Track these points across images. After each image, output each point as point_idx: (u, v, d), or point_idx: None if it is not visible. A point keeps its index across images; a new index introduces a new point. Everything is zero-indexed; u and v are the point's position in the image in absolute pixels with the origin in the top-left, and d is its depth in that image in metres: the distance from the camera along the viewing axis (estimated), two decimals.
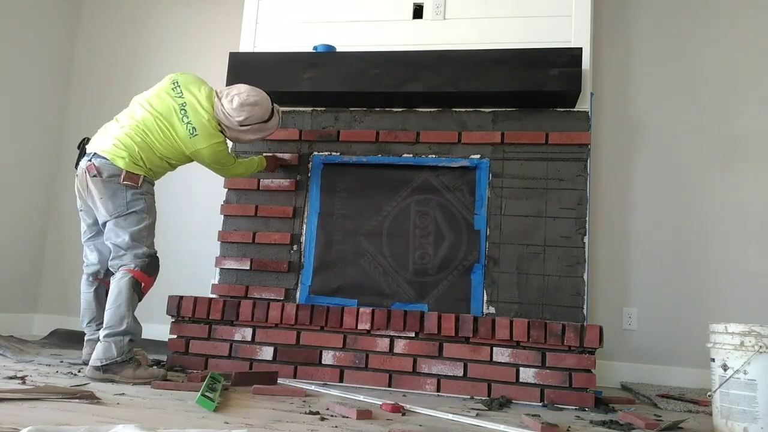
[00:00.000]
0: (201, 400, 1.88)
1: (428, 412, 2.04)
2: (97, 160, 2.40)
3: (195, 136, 2.49)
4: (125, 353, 2.30)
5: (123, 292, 2.33)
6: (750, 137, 3.27)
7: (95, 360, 2.28)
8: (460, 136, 2.96)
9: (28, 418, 1.58)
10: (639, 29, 3.49)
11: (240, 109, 2.52)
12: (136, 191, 2.42)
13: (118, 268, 2.39)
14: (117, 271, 2.40)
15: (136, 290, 2.37)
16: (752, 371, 1.94)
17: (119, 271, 2.39)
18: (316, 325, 2.65)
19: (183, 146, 2.50)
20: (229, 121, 2.55)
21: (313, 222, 3.04)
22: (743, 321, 2.08)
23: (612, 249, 3.31)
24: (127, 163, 2.39)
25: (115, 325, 2.31)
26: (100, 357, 2.28)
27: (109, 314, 2.33)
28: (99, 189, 2.39)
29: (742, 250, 3.18)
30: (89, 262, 2.62)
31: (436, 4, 3.11)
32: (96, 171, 2.38)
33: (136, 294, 2.37)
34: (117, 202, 2.39)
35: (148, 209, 2.46)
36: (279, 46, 3.23)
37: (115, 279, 2.38)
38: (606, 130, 3.41)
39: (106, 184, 2.39)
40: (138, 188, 2.42)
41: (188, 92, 2.53)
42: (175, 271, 3.74)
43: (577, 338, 2.43)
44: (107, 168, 2.39)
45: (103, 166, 2.39)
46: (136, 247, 2.39)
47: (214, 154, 2.55)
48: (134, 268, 2.37)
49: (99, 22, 4.23)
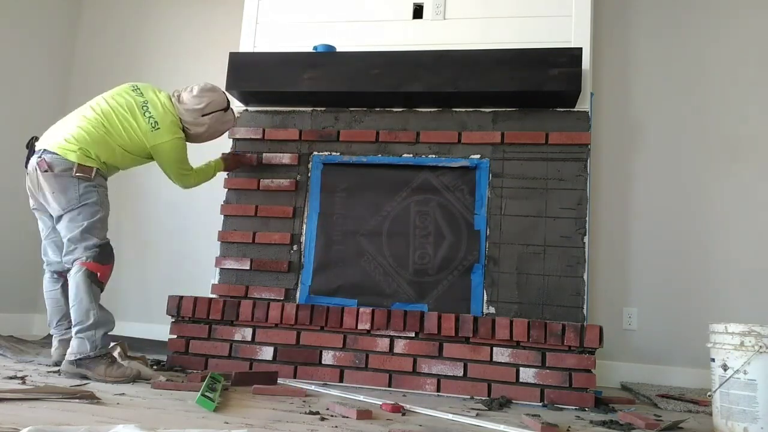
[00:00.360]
0: (201, 400, 1.88)
1: (428, 412, 2.04)
2: (47, 156, 2.41)
3: (157, 130, 2.53)
4: (98, 348, 2.31)
5: (80, 285, 2.33)
6: (750, 137, 3.27)
7: (70, 354, 2.31)
8: (460, 136, 2.96)
9: (28, 418, 1.58)
10: (639, 29, 3.49)
11: (200, 94, 2.62)
12: (89, 184, 2.42)
13: (72, 263, 2.39)
14: (72, 266, 2.39)
15: (94, 281, 2.36)
16: (752, 371, 1.94)
17: (73, 266, 2.38)
18: (316, 325, 2.65)
19: (144, 140, 2.53)
20: (190, 114, 2.61)
21: (313, 222, 3.04)
22: (743, 321, 2.08)
23: (612, 249, 3.31)
24: (78, 156, 2.40)
25: (83, 320, 2.32)
26: (74, 351, 2.30)
27: (74, 311, 2.34)
28: (51, 184, 2.40)
29: (742, 249, 3.18)
30: (50, 260, 2.61)
31: (436, 4, 3.11)
32: (47, 166, 2.39)
33: (94, 285, 2.36)
34: (69, 195, 2.39)
35: (101, 202, 2.45)
36: (279, 46, 3.23)
37: (70, 275, 2.38)
38: (606, 130, 3.41)
39: (57, 178, 2.39)
40: (91, 181, 2.43)
41: (149, 92, 2.61)
42: (175, 271, 3.75)
43: (577, 338, 2.43)
44: (59, 163, 2.39)
45: (54, 161, 2.40)
46: (87, 239, 2.38)
47: (174, 149, 2.59)
48: (86, 260, 2.36)
49: (99, 21, 4.23)
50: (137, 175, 3.96)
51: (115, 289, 3.85)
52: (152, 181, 3.93)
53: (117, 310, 3.78)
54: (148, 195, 3.93)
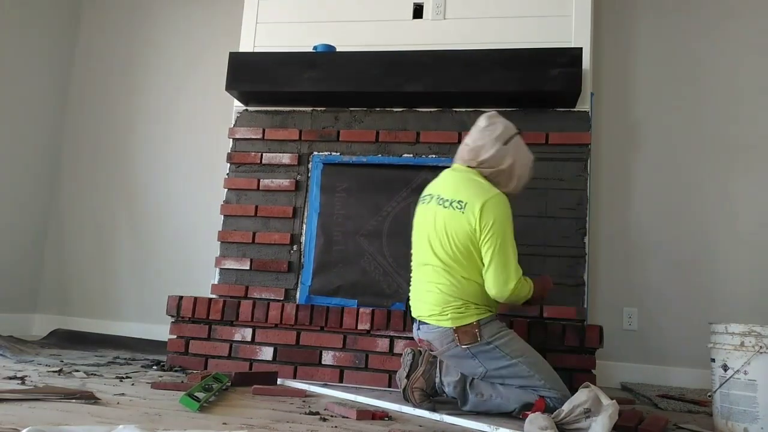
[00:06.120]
0: (184, 400, 1.85)
1: (427, 414, 2.04)
2: None
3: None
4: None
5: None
6: (750, 137, 3.27)
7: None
8: (461, 136, 2.95)
9: (28, 418, 1.58)
10: (639, 29, 3.48)
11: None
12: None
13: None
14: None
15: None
16: (752, 371, 1.93)
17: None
18: (316, 325, 2.64)
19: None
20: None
21: (313, 222, 3.04)
22: (744, 321, 2.08)
23: (612, 249, 3.31)
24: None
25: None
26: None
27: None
28: None
29: (743, 249, 3.18)
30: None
31: (436, 4, 3.11)
32: None
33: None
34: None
35: None
36: (279, 46, 3.23)
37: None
38: (606, 130, 3.40)
39: None
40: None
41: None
42: (175, 271, 3.75)
43: (577, 338, 2.42)
44: None
45: None
46: None
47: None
48: None
49: (99, 22, 4.23)
50: (137, 174, 3.96)
51: (115, 289, 3.86)
52: (152, 181, 3.93)
53: (116, 310, 3.81)
54: (147, 195, 3.92)
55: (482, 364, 2.03)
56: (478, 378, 2.08)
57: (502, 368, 2.02)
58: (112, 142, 4.04)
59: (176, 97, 3.98)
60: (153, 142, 3.97)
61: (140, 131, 4.01)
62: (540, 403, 1.99)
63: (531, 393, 2.02)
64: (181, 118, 3.95)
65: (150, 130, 3.99)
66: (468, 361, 2.05)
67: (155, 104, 4.01)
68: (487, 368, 2.03)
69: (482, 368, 2.04)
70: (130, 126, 4.03)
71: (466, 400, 2.07)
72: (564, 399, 1.95)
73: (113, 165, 4.01)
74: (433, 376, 2.13)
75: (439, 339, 2.06)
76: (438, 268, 2.08)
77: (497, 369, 2.03)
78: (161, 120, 3.98)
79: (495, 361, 2.03)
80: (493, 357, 2.03)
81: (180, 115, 3.96)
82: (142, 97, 4.04)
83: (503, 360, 2.02)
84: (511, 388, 2.04)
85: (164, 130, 3.97)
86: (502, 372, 2.03)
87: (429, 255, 2.12)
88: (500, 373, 2.04)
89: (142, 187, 3.94)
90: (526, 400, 2.01)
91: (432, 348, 2.12)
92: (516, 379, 2.03)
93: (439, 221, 2.10)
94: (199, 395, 1.93)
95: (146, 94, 4.04)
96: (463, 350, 2.03)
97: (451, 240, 2.06)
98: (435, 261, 2.10)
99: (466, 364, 2.07)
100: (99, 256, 3.93)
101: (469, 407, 2.07)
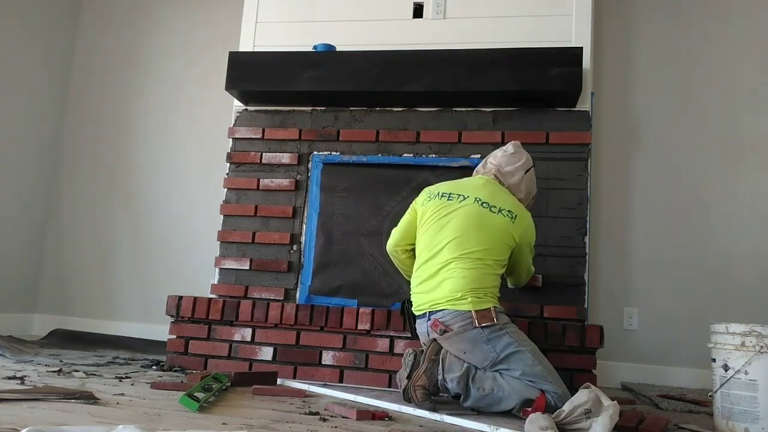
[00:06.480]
0: (184, 400, 1.85)
1: (426, 414, 2.03)
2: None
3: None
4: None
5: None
6: (750, 136, 3.26)
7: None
8: (461, 135, 2.96)
9: (27, 418, 1.58)
10: (639, 29, 3.48)
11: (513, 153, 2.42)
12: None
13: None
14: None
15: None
16: (753, 371, 1.93)
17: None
18: (316, 325, 2.64)
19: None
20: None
21: (313, 222, 3.03)
22: (744, 321, 2.07)
23: (612, 249, 3.31)
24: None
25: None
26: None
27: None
28: None
29: (743, 249, 3.17)
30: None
31: (437, 4, 3.11)
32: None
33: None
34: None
35: None
36: (279, 45, 3.23)
37: None
38: (606, 130, 3.40)
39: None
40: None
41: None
42: (174, 271, 3.74)
43: (577, 338, 2.42)
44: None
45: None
46: None
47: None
48: None
49: (99, 22, 4.22)
50: (136, 174, 3.96)
51: (114, 289, 3.86)
52: (152, 181, 3.92)
53: (116, 310, 3.81)
54: (147, 194, 3.92)
55: (494, 349, 2.11)
56: (487, 364, 2.12)
57: (510, 354, 2.10)
58: (112, 142, 4.03)
59: (176, 96, 3.98)
60: (153, 141, 3.97)
61: (140, 131, 4.00)
62: (541, 400, 1.99)
63: (532, 388, 2.04)
64: (180, 117, 3.95)
65: (150, 130, 3.99)
66: (481, 345, 2.12)
67: (155, 104, 4.01)
68: (498, 353, 2.10)
69: (494, 353, 2.10)
70: (129, 126, 4.02)
71: (468, 394, 2.11)
72: (564, 397, 1.99)
73: (113, 165, 4.00)
74: (435, 374, 2.14)
75: (456, 320, 2.14)
76: (465, 258, 2.20)
77: (506, 355, 2.10)
78: (161, 120, 3.98)
79: (505, 347, 2.11)
80: (504, 342, 2.11)
81: (180, 114, 3.95)
82: (142, 96, 4.04)
83: (512, 346, 2.11)
84: (513, 380, 2.07)
85: (164, 129, 3.96)
86: (510, 357, 2.10)
87: (454, 246, 2.22)
88: (508, 358, 2.10)
89: (142, 187, 3.93)
90: (527, 396, 2.03)
91: (448, 329, 2.15)
92: (521, 366, 2.08)
93: (482, 221, 2.25)
94: (198, 395, 1.93)
95: (146, 94, 4.04)
96: (478, 333, 2.11)
97: (491, 239, 2.24)
98: (462, 252, 2.21)
99: (479, 349, 2.12)
100: (99, 255, 3.92)
101: (470, 402, 2.10)
